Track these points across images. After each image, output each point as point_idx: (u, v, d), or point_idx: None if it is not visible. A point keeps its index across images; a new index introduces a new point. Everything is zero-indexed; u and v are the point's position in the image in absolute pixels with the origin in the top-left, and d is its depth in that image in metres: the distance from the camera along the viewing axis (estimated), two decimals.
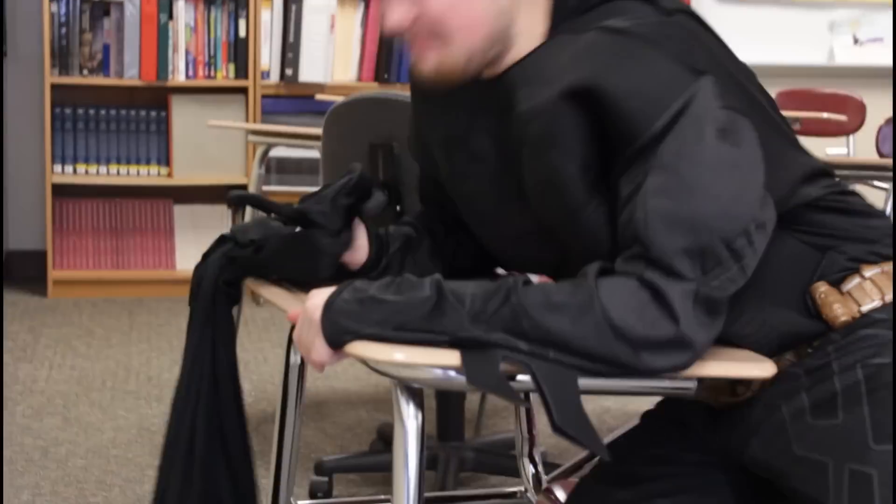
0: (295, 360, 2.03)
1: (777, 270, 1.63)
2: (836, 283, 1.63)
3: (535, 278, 1.58)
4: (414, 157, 1.95)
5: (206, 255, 1.81)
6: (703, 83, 1.53)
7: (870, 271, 1.63)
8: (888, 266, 1.65)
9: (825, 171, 1.69)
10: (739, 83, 1.62)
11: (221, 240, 1.82)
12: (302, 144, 4.06)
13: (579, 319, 1.48)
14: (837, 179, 1.71)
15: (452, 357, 1.47)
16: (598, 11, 1.63)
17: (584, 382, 1.49)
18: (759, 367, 1.56)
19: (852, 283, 1.63)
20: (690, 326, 1.48)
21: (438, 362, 1.47)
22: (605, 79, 1.53)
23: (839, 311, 1.62)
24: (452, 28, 1.63)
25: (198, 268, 1.81)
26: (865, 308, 1.62)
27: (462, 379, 1.47)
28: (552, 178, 1.60)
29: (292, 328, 1.92)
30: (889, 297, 1.63)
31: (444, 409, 3.27)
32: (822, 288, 1.63)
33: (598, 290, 1.48)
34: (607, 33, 1.57)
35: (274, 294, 1.77)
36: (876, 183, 4.51)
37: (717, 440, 1.73)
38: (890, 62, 6.51)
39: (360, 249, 1.83)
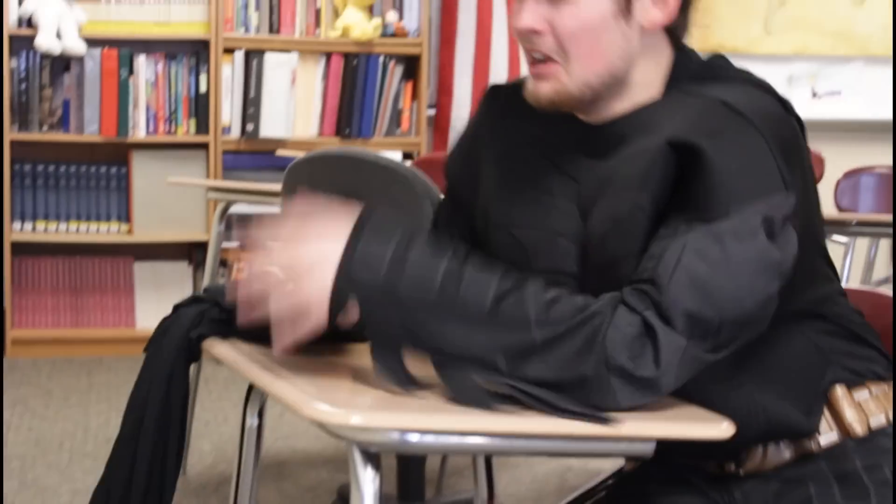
0: (252, 421, 1.99)
1: (789, 363, 1.70)
2: (849, 391, 1.74)
3: None
4: (448, 174, 1.94)
5: (177, 307, 1.80)
6: (788, 197, 1.58)
7: (876, 388, 1.75)
8: (886, 386, 1.76)
9: (845, 297, 1.80)
10: (810, 198, 1.70)
11: (197, 298, 1.79)
12: (262, 201, 4.04)
13: (581, 351, 1.51)
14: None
15: (410, 420, 1.45)
16: (719, 84, 1.69)
17: (541, 445, 1.48)
18: (717, 429, 1.54)
19: (863, 396, 1.74)
20: (667, 376, 1.51)
21: (395, 425, 1.44)
22: (710, 144, 1.57)
23: (851, 417, 1.72)
24: (578, 51, 1.67)
25: (165, 319, 1.80)
26: (874, 424, 1.73)
27: (420, 442, 1.45)
28: (626, 216, 1.63)
29: (250, 388, 1.90)
30: (891, 416, 1.75)
31: (405, 469, 3.24)
32: (839, 391, 1.73)
33: (609, 325, 1.51)
34: (725, 108, 1.62)
35: (230, 356, 1.74)
36: (835, 237, 4.52)
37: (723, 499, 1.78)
38: (847, 115, 6.56)
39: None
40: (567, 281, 1.72)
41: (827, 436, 1.73)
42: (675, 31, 1.73)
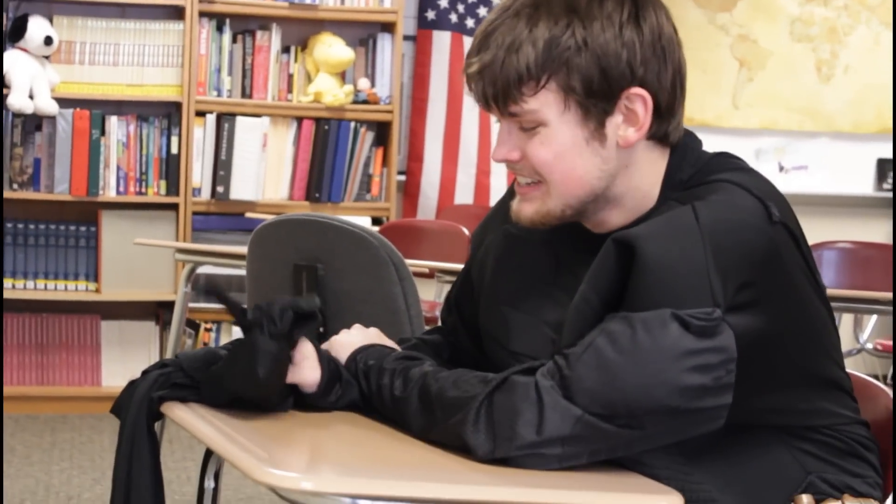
0: (209, 484, 2.01)
1: (759, 471, 1.69)
2: (818, 502, 1.70)
3: None
4: (472, 244, 1.98)
5: (145, 373, 1.83)
6: (714, 315, 1.57)
7: (851, 503, 1.71)
8: (867, 503, 1.72)
9: (849, 390, 1.77)
10: (789, 305, 1.65)
11: (164, 364, 1.83)
12: (229, 263, 4.06)
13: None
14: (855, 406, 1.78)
15: (362, 485, 1.47)
16: (708, 188, 1.68)
17: None
18: (667, 500, 1.56)
19: None
20: (553, 445, 1.57)
21: (347, 491, 1.46)
22: (647, 242, 1.59)
23: None
24: (553, 177, 1.71)
25: (132, 382, 1.82)
26: None
27: None
28: (574, 308, 1.66)
29: (208, 450, 1.91)
30: None
31: None
32: (805, 501, 1.70)
33: (500, 387, 1.61)
34: (690, 212, 1.62)
35: (186, 420, 1.76)
36: None
37: None
38: (813, 190, 6.62)
39: (311, 369, 1.82)
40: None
41: None
42: (662, 137, 1.73)
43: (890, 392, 1.87)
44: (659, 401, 1.57)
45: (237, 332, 1.85)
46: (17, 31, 5.47)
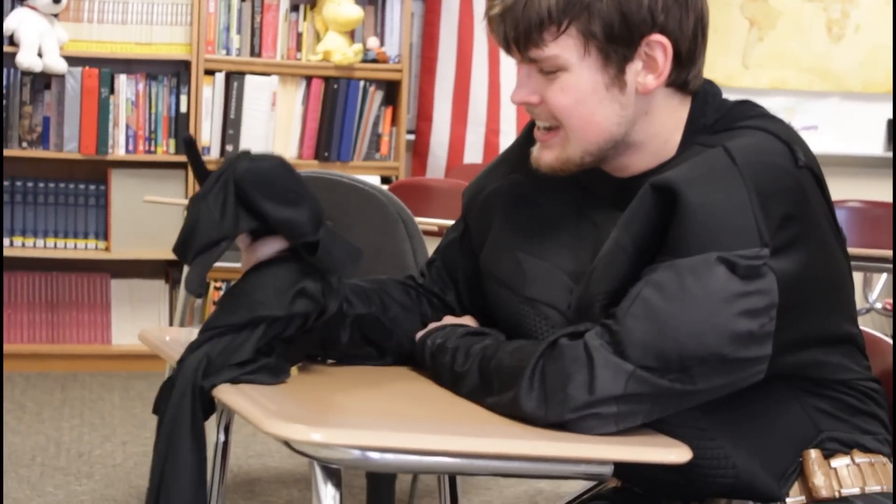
0: (220, 437, 2.02)
1: (772, 426, 1.69)
2: (827, 457, 1.70)
3: None
4: (466, 197, 1.96)
5: (180, 361, 1.70)
6: (762, 253, 1.57)
7: (860, 458, 1.71)
8: (877, 458, 1.72)
9: (862, 347, 1.77)
10: (816, 251, 1.65)
11: (195, 345, 1.70)
12: None
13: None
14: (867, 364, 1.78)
15: (371, 437, 1.48)
16: (734, 133, 1.68)
17: (501, 465, 1.52)
18: (675, 453, 1.57)
19: (841, 463, 1.70)
20: (607, 403, 1.55)
21: (356, 443, 1.47)
22: (688, 187, 1.58)
23: (821, 483, 1.69)
24: (572, 122, 1.71)
25: (170, 378, 1.69)
26: (846, 492, 1.69)
27: (380, 460, 1.47)
28: (607, 254, 1.65)
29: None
30: (868, 489, 1.70)
31: (374, 490, 3.26)
32: (813, 455, 1.70)
33: (552, 351, 1.58)
34: (724, 154, 1.62)
35: (241, 404, 1.71)
36: None
37: None
38: (824, 150, 6.61)
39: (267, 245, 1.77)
40: (554, 315, 1.76)
41: (794, 500, 1.71)
42: (683, 85, 1.73)
43: None
44: (710, 348, 1.55)
45: None
46: None
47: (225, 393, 1.63)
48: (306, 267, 1.72)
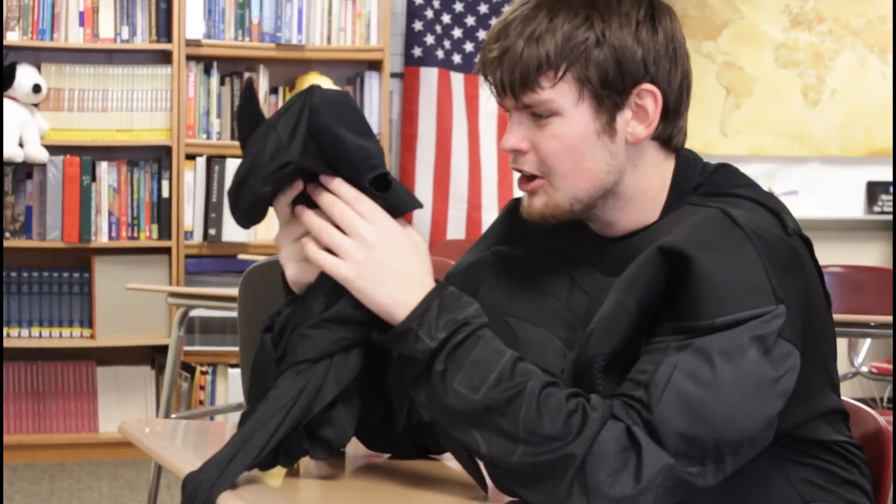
0: None
1: (757, 502, 1.68)
2: None
3: None
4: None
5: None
6: (779, 311, 1.58)
7: None
8: None
9: (845, 415, 1.77)
10: (812, 318, 1.67)
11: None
12: (222, 306, 4.06)
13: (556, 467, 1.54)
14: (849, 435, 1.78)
15: None
16: (724, 200, 1.69)
17: None
18: None
19: None
20: (647, 494, 1.53)
21: None
22: (700, 251, 1.58)
23: None
24: (562, 169, 1.72)
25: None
26: None
27: None
28: (609, 315, 1.63)
29: None
30: None
31: None
32: None
33: (592, 447, 1.53)
34: (724, 217, 1.63)
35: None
36: None
37: None
38: (804, 215, 6.64)
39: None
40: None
41: None
42: (668, 140, 1.75)
43: (877, 416, 1.88)
44: (745, 432, 1.56)
45: (233, 376, 1.83)
46: (6, 80, 5.49)
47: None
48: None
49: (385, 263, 1.62)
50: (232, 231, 5.78)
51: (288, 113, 1.65)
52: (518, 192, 1.80)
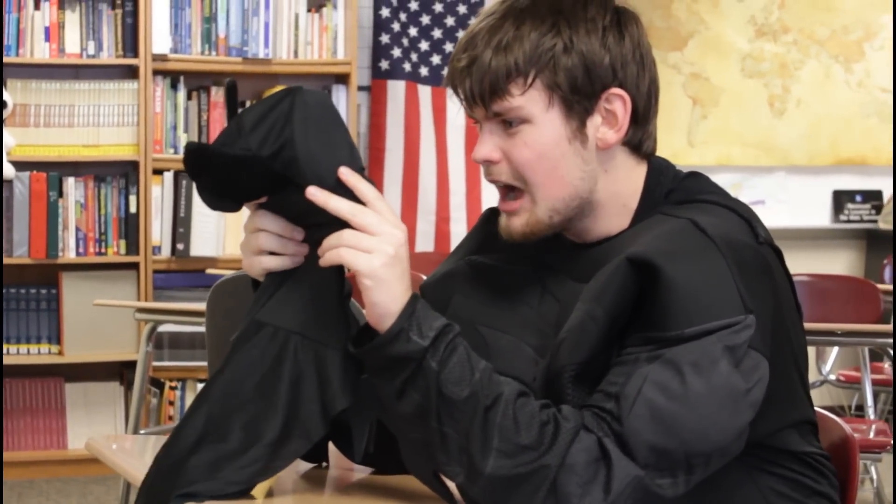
0: None
1: None
2: None
3: None
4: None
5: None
6: (748, 321, 1.58)
7: None
8: None
9: (816, 427, 1.77)
10: (783, 328, 1.67)
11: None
12: (190, 321, 4.05)
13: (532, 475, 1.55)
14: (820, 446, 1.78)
15: None
16: (696, 207, 1.70)
17: None
18: None
19: None
20: (616, 500, 1.53)
21: None
22: (668, 262, 1.59)
23: None
24: (536, 178, 1.72)
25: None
26: None
27: None
28: (578, 326, 1.63)
29: None
30: None
31: None
32: None
33: (568, 453, 1.54)
34: (694, 228, 1.63)
35: None
36: None
37: None
38: (771, 224, 6.66)
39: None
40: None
41: None
42: (638, 146, 1.76)
43: (844, 425, 1.89)
44: (716, 444, 1.57)
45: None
46: None
47: None
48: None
49: (405, 261, 1.67)
50: (200, 246, 5.77)
51: (262, 106, 1.67)
52: (487, 203, 1.80)
